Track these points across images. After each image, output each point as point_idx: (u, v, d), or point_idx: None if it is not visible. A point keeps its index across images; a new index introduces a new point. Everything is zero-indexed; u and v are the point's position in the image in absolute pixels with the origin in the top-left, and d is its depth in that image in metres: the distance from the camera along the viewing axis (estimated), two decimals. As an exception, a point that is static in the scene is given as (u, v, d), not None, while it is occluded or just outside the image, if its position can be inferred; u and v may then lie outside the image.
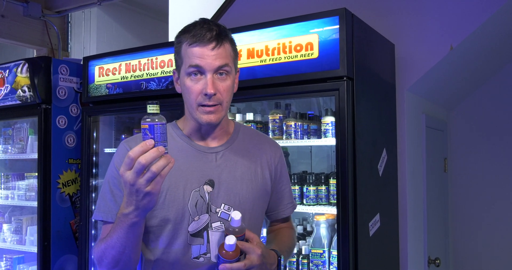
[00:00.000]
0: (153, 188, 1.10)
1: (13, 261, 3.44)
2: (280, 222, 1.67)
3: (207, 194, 1.40)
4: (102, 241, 1.28)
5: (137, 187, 1.09)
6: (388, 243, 2.53)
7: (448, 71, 3.00)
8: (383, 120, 2.49)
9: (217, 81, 1.34)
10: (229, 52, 1.38)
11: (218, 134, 1.47)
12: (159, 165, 1.09)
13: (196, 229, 1.38)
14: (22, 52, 5.88)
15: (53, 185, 3.16)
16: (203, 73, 1.33)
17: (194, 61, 1.33)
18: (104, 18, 5.64)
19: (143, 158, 1.07)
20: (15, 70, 3.26)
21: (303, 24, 2.17)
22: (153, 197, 1.13)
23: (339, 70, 2.06)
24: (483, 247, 3.70)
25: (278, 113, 2.53)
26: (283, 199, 1.63)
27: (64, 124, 3.24)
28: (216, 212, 1.40)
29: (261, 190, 1.51)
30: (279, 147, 1.63)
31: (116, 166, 1.39)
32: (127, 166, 1.09)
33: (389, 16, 2.78)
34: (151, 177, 1.09)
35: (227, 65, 1.36)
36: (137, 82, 2.80)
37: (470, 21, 2.59)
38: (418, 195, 2.90)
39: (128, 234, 1.20)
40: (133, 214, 1.16)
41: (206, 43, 1.32)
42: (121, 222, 1.19)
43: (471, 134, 3.78)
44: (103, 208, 1.39)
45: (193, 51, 1.33)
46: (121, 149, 1.43)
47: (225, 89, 1.36)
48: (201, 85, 1.33)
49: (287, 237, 1.63)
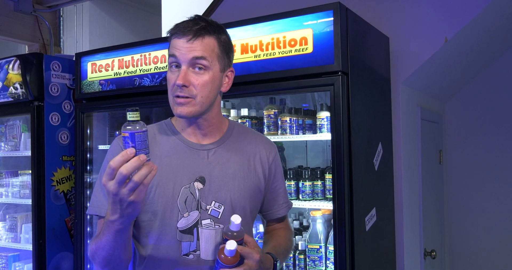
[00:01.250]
0: (136, 197, 1.09)
1: (8, 259, 3.43)
2: (276, 222, 1.66)
3: (198, 191, 1.39)
4: (94, 240, 1.29)
5: (120, 197, 1.08)
6: (385, 237, 2.53)
7: (443, 64, 3.00)
8: (378, 114, 2.49)
9: (191, 73, 1.34)
10: (210, 47, 1.35)
11: (209, 131, 1.46)
12: (141, 174, 1.07)
13: (186, 225, 1.38)
14: (14, 47, 5.83)
15: (47, 182, 3.14)
16: (179, 65, 1.34)
17: (171, 51, 1.35)
18: (96, 12, 5.59)
19: (125, 169, 1.06)
20: (6, 67, 3.22)
21: (297, 18, 2.15)
22: (137, 206, 1.12)
23: (334, 65, 2.04)
24: (478, 238, 3.72)
25: (273, 108, 2.51)
26: (278, 198, 1.62)
27: (57, 121, 3.21)
28: (206, 209, 1.39)
29: (254, 188, 1.50)
30: (274, 146, 1.62)
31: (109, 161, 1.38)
32: (109, 176, 1.08)
33: (384, 9, 2.76)
34: (134, 187, 1.07)
35: (203, 58, 1.33)
36: (130, 78, 2.77)
37: (465, 13, 2.58)
38: (414, 188, 2.90)
39: (115, 238, 1.21)
40: (118, 222, 1.15)
41: (184, 34, 1.33)
42: (108, 227, 1.19)
43: (466, 125, 3.78)
44: (96, 203, 1.39)
45: (173, 42, 1.36)
46: (114, 146, 1.43)
47: (200, 83, 1.34)
48: (176, 76, 1.34)
49: (283, 239, 1.62)
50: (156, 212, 1.37)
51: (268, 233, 1.67)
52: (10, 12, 4.39)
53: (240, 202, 1.44)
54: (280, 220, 1.67)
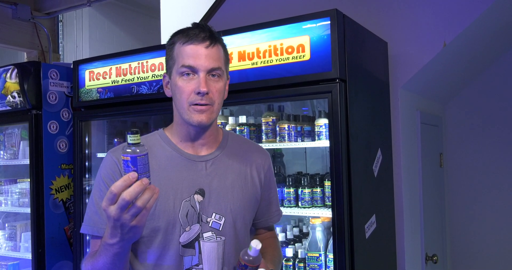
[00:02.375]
0: (138, 222, 1.07)
1: (8, 268, 3.41)
2: (266, 231, 1.65)
3: (198, 204, 1.37)
4: (89, 261, 1.24)
5: (122, 222, 1.06)
6: (385, 243, 2.51)
7: (442, 67, 2.98)
8: (377, 120, 2.47)
9: (209, 81, 1.33)
10: (221, 55, 1.37)
11: (207, 141, 1.44)
12: (144, 199, 1.05)
13: (188, 240, 1.36)
14: (14, 54, 5.83)
15: (46, 191, 3.13)
16: (196, 72, 1.32)
17: (187, 61, 1.31)
18: (96, 16, 5.61)
19: (128, 194, 1.03)
20: (4, 75, 3.21)
21: (294, 25, 2.14)
22: (138, 230, 1.10)
23: (332, 72, 2.03)
24: (480, 241, 3.70)
25: (271, 116, 2.50)
26: (271, 206, 1.61)
27: (55, 129, 3.20)
28: (207, 222, 1.38)
29: (252, 197, 1.49)
30: (268, 155, 1.61)
31: (102, 177, 1.36)
32: (110, 201, 1.04)
33: (382, 14, 2.75)
34: (136, 212, 1.05)
35: (220, 68, 1.35)
36: (128, 86, 2.76)
37: (463, 17, 2.57)
38: (414, 192, 2.88)
39: (114, 261, 1.17)
40: (117, 245, 1.13)
41: (200, 41, 1.32)
42: (105, 250, 1.15)
43: (466, 127, 3.76)
44: (88, 221, 1.35)
45: (186, 49, 1.32)
46: (107, 161, 1.38)
47: (217, 90, 1.35)
48: (194, 84, 1.31)
49: (276, 250, 1.61)
50: (157, 228, 1.33)
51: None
52: (8, 20, 4.39)
53: (240, 212, 1.43)
54: (269, 229, 1.66)
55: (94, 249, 1.29)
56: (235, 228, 1.42)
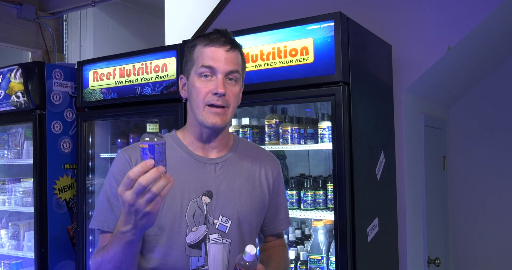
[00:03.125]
0: (152, 208, 1.08)
1: (11, 266, 3.43)
2: (274, 238, 1.65)
3: (205, 205, 1.39)
4: (99, 253, 1.26)
5: (137, 207, 1.07)
6: (387, 246, 2.51)
7: (446, 70, 2.97)
8: (380, 123, 2.47)
9: (226, 84, 1.37)
10: (240, 61, 1.42)
11: (218, 144, 1.47)
12: (159, 185, 1.06)
13: (194, 240, 1.37)
14: (19, 54, 5.86)
15: (49, 190, 3.14)
16: (214, 74, 1.36)
17: (207, 61, 1.36)
18: (100, 16, 5.62)
19: (144, 179, 1.05)
20: (8, 75, 3.22)
21: (298, 28, 2.14)
22: (152, 217, 1.11)
23: (335, 75, 2.03)
24: (483, 245, 3.69)
25: (274, 118, 2.50)
26: (279, 213, 1.62)
27: (59, 129, 3.21)
28: (214, 223, 1.39)
29: (259, 203, 1.50)
30: (277, 162, 1.63)
31: (114, 175, 1.39)
32: (126, 186, 1.06)
33: (386, 17, 2.74)
34: (151, 197, 1.06)
35: (237, 71, 1.39)
36: (131, 87, 2.77)
37: (468, 21, 2.56)
38: (417, 195, 2.88)
39: (125, 250, 1.19)
40: (130, 232, 1.14)
41: (221, 44, 1.37)
42: (118, 239, 1.17)
43: (470, 131, 3.75)
44: (99, 217, 1.38)
45: (207, 51, 1.37)
46: (119, 158, 1.42)
47: (233, 93, 1.39)
48: (212, 85, 1.35)
49: (282, 258, 1.60)
50: (163, 227, 1.36)
51: (266, 251, 1.65)
52: (13, 19, 4.41)
53: (246, 217, 1.45)
54: (278, 236, 1.66)
55: (103, 244, 1.31)
56: (241, 231, 1.43)
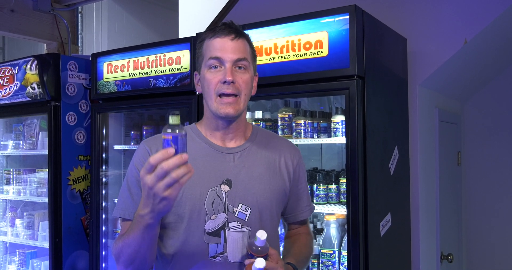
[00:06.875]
0: (170, 194, 1.11)
1: (26, 256, 3.48)
2: (298, 225, 1.68)
3: (225, 194, 1.42)
4: (120, 238, 1.31)
5: (155, 191, 1.10)
6: (400, 241, 2.50)
7: (462, 65, 2.94)
8: (394, 118, 2.45)
9: (235, 72, 1.40)
10: (247, 48, 1.45)
11: (236, 134, 1.50)
12: (179, 172, 1.08)
13: (213, 228, 1.40)
14: (34, 45, 5.91)
15: (63, 181, 3.17)
16: (222, 64, 1.40)
17: (214, 53, 1.40)
18: (114, 8, 5.65)
19: (166, 164, 1.07)
20: (24, 67, 3.25)
21: (312, 21, 2.12)
22: (169, 202, 1.13)
23: (349, 68, 2.01)
24: (497, 242, 3.65)
25: (288, 111, 2.49)
26: (301, 201, 1.64)
27: (73, 121, 3.23)
28: (233, 212, 1.42)
29: (279, 191, 1.52)
30: (298, 150, 1.65)
31: (135, 165, 1.44)
32: (147, 170, 1.10)
33: (401, 10, 2.71)
34: (171, 182, 1.09)
35: (245, 59, 1.42)
36: (145, 79, 2.77)
37: (485, 14, 2.52)
38: (431, 191, 2.85)
39: (143, 234, 1.23)
40: (148, 216, 1.17)
41: (226, 34, 1.41)
42: (137, 222, 1.21)
43: (485, 126, 3.71)
44: (121, 205, 1.44)
45: (214, 43, 1.41)
46: (140, 149, 1.47)
47: (243, 80, 1.41)
48: (221, 75, 1.39)
49: (304, 246, 1.63)
50: (183, 215, 1.39)
51: (289, 238, 1.68)
52: (29, 11, 4.44)
53: (266, 205, 1.47)
54: (301, 223, 1.69)
55: (123, 231, 1.35)
56: (261, 219, 1.46)
